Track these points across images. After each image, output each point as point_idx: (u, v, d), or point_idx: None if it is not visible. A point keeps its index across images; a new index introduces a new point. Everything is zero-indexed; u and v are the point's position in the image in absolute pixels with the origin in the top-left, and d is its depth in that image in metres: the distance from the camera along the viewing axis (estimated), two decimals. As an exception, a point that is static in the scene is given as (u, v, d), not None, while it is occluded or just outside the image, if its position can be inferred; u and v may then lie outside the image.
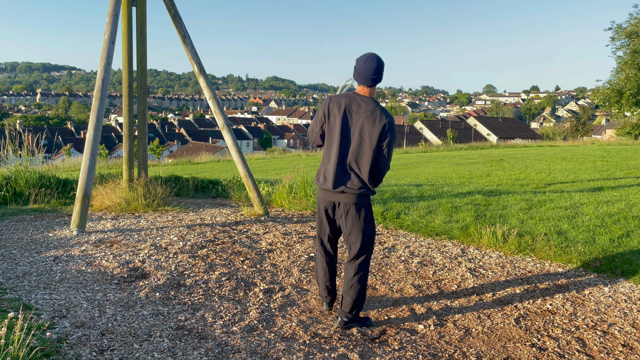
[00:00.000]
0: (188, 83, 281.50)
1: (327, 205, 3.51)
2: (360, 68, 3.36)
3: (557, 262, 4.99)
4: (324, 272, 3.72)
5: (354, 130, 3.37)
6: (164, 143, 53.04)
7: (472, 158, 15.86)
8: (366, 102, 3.37)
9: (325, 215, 3.56)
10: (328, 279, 3.74)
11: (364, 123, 3.34)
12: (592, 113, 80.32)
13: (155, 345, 3.20)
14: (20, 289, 4.07)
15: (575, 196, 7.75)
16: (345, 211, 3.44)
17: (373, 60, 3.34)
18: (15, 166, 7.69)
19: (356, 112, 3.37)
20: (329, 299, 3.81)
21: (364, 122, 3.34)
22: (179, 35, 7.02)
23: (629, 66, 28.30)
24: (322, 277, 3.75)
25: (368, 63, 3.34)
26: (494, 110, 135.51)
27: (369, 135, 3.33)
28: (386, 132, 3.33)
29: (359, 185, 3.38)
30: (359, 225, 3.45)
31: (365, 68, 3.34)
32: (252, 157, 20.71)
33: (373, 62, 3.34)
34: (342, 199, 3.42)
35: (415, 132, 59.66)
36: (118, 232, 5.81)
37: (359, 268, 3.51)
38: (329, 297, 3.80)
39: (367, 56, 3.36)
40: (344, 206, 3.43)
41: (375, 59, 3.34)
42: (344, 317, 3.53)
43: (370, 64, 3.33)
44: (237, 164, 7.04)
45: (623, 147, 20.08)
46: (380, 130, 3.32)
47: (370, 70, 3.33)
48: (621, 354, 3.25)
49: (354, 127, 3.37)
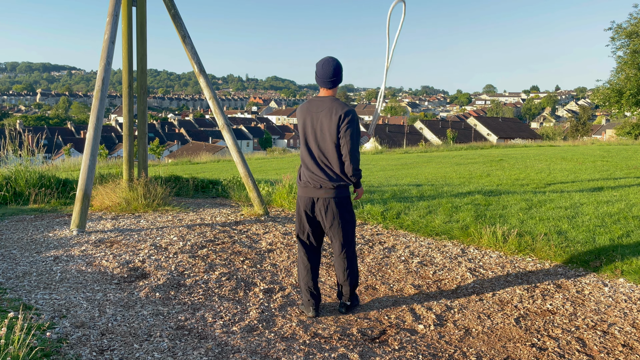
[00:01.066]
0: (188, 83, 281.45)
1: (306, 203, 3.68)
2: (319, 72, 3.59)
3: (557, 262, 4.99)
4: (306, 272, 3.73)
5: (317, 129, 3.59)
6: (164, 143, 53.02)
7: (472, 158, 15.86)
8: (325, 102, 3.59)
9: (305, 213, 3.71)
10: (310, 279, 3.73)
11: (323, 121, 3.56)
12: (592, 113, 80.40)
13: (155, 345, 3.20)
14: (20, 289, 4.08)
15: (575, 196, 7.75)
16: (324, 206, 3.62)
17: (329, 64, 3.56)
18: (15, 166, 7.70)
19: (316, 112, 3.59)
20: (313, 303, 3.73)
21: (323, 119, 3.55)
22: (179, 35, 7.02)
23: (629, 66, 28.29)
24: (304, 277, 3.74)
25: (325, 67, 3.56)
26: (494, 110, 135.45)
27: (328, 131, 3.54)
28: (341, 122, 3.49)
29: (333, 179, 3.58)
30: (338, 218, 3.64)
31: (323, 72, 3.56)
32: (252, 157, 20.70)
33: (330, 66, 3.55)
34: (320, 194, 3.61)
35: (415, 132, 59.63)
36: (118, 232, 5.82)
37: (347, 258, 3.72)
38: (312, 300, 3.73)
39: (324, 60, 3.58)
40: (323, 201, 3.62)
41: (331, 63, 3.55)
42: (347, 302, 3.82)
43: (327, 68, 3.56)
44: (237, 164, 7.04)
45: (623, 147, 20.08)
46: (337, 123, 3.50)
47: (327, 73, 3.56)
48: (621, 354, 3.25)
49: (317, 127, 3.59)
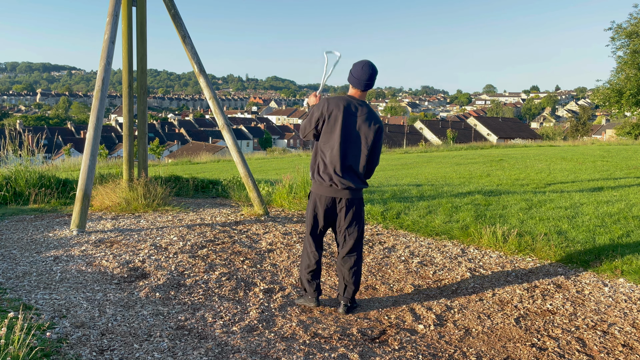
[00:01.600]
0: (188, 83, 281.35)
1: (327, 202, 3.71)
2: (357, 73, 3.65)
3: (557, 262, 4.99)
4: (317, 265, 3.83)
5: (353, 131, 3.64)
6: (164, 143, 53.01)
7: (472, 158, 15.86)
8: (362, 106, 3.68)
9: (324, 211, 3.73)
10: (318, 275, 3.85)
11: (361, 125, 3.64)
12: (592, 113, 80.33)
13: (155, 345, 3.20)
14: (20, 289, 4.08)
15: (575, 196, 7.75)
16: (345, 206, 3.69)
17: (369, 67, 3.64)
18: (15, 166, 7.70)
19: (354, 115, 3.65)
20: (317, 294, 3.89)
21: (361, 124, 3.64)
22: (179, 35, 7.02)
23: (629, 66, 28.29)
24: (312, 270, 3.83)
25: (365, 69, 3.63)
26: (494, 110, 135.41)
27: (365, 136, 3.65)
28: (379, 134, 3.69)
29: (359, 181, 3.69)
30: (357, 219, 3.73)
31: (362, 73, 3.63)
32: (252, 157, 20.71)
33: (369, 69, 3.63)
34: (344, 195, 3.67)
35: (415, 132, 59.64)
36: (118, 232, 5.82)
37: (356, 258, 3.78)
38: (315, 292, 3.89)
39: (365, 63, 3.65)
40: (346, 201, 3.68)
41: (371, 67, 3.64)
42: (348, 303, 3.85)
43: (366, 70, 3.63)
44: (237, 164, 7.04)
45: (623, 147, 20.08)
46: (375, 132, 3.66)
47: (366, 75, 3.63)
48: (621, 354, 3.25)
49: (354, 129, 3.64)
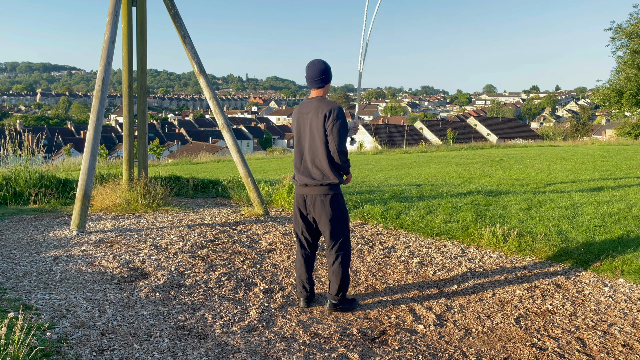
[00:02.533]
0: (188, 83, 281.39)
1: (299, 200, 3.85)
2: (307, 73, 3.74)
3: (557, 262, 4.99)
4: (300, 265, 3.94)
5: (306, 129, 3.73)
6: (164, 143, 53.02)
7: (472, 158, 15.86)
8: (312, 102, 3.73)
9: (298, 210, 3.88)
10: (304, 272, 3.92)
11: (312, 119, 3.69)
12: (592, 113, 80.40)
13: (155, 345, 3.20)
14: (20, 289, 4.08)
15: (575, 196, 7.75)
16: (312, 202, 3.77)
17: (315, 65, 3.70)
18: (15, 166, 7.70)
19: (306, 113, 3.74)
20: (305, 295, 3.94)
21: (312, 118, 3.69)
22: (179, 35, 7.02)
23: (629, 66, 28.30)
24: (298, 269, 3.95)
25: (311, 68, 3.71)
26: (494, 110, 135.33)
27: (316, 129, 3.66)
28: (327, 120, 3.61)
29: (321, 177, 3.71)
30: (326, 214, 3.75)
31: (311, 73, 3.72)
32: (252, 157, 20.71)
33: (315, 67, 3.70)
34: (308, 191, 3.76)
35: (415, 132, 59.60)
36: (118, 232, 5.82)
37: (337, 254, 3.80)
38: (303, 292, 3.94)
39: (311, 62, 3.73)
40: (311, 198, 3.77)
41: (316, 64, 3.70)
42: (332, 300, 3.85)
43: (313, 69, 3.71)
44: (237, 164, 7.04)
45: (623, 147, 20.08)
46: (322, 120, 3.63)
47: (314, 74, 3.70)
48: (621, 354, 3.25)
49: (306, 127, 3.74)
